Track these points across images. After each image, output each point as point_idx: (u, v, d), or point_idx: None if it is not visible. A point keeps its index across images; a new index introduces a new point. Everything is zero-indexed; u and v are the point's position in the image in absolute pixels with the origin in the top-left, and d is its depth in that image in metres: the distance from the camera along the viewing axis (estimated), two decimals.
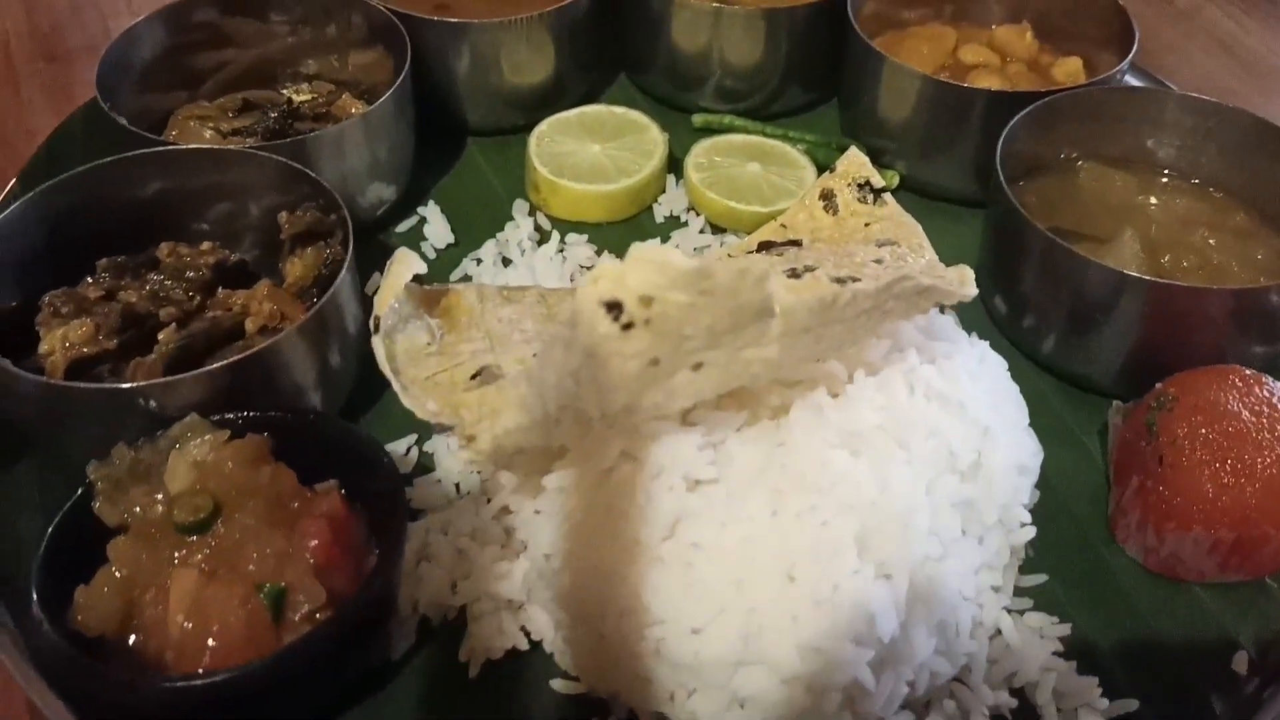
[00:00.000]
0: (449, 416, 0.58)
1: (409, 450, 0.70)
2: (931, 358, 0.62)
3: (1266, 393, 0.63)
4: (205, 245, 0.75)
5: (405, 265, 0.65)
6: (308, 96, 0.91)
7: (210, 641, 0.52)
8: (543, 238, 0.87)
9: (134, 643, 0.55)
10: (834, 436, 0.57)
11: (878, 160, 0.92)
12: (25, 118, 1.00)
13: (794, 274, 0.60)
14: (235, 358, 0.64)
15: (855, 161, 0.78)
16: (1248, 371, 0.65)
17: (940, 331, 0.65)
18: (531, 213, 0.89)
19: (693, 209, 0.90)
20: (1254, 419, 0.62)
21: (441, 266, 0.83)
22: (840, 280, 0.57)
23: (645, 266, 0.46)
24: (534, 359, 0.53)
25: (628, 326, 0.47)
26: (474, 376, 0.60)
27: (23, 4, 1.14)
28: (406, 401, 0.60)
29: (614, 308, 0.47)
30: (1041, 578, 0.63)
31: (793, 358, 0.55)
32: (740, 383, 0.54)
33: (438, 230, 0.87)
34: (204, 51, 0.91)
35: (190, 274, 0.74)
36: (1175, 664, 0.60)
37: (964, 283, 0.62)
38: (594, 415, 0.53)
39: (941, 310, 0.71)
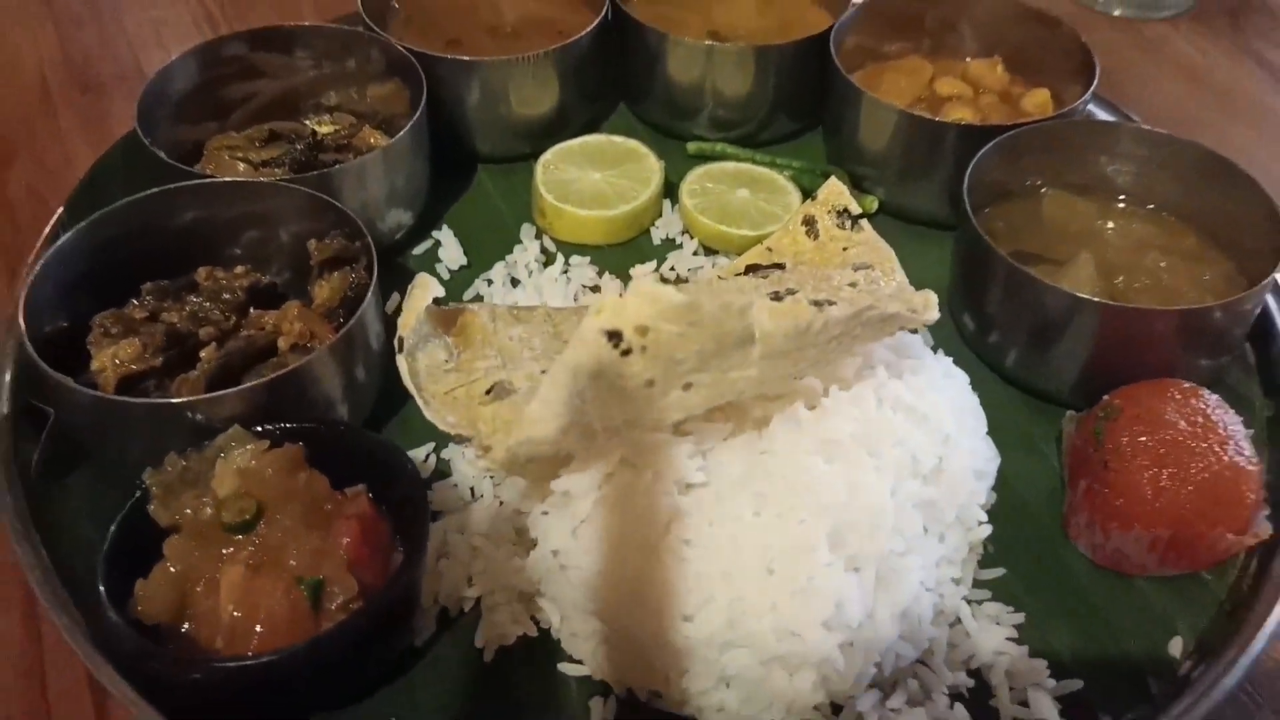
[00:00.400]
0: (467, 428, 0.65)
1: (428, 457, 0.76)
2: (899, 373, 0.69)
3: (1201, 405, 0.70)
4: (239, 269, 0.82)
5: (426, 289, 0.72)
6: (330, 129, 0.97)
7: (257, 628, 0.59)
8: (548, 259, 0.93)
9: (186, 630, 0.61)
10: (810, 445, 0.63)
11: (859, 185, 0.99)
12: (63, 145, 1.06)
13: (777, 296, 0.67)
14: (272, 375, 0.70)
15: (834, 190, 0.85)
16: (1186, 385, 0.72)
17: (908, 349, 0.72)
18: (538, 236, 0.95)
19: (687, 232, 0.96)
20: (1189, 428, 0.68)
21: (455, 287, 0.90)
22: (818, 303, 0.63)
23: (642, 300, 0.53)
24: (544, 377, 0.59)
25: (627, 352, 0.54)
26: (488, 391, 0.67)
27: (57, 38, 1.20)
28: (429, 414, 0.67)
29: (615, 336, 0.54)
30: (1000, 571, 0.70)
31: (772, 376, 0.62)
32: (726, 399, 0.61)
33: (451, 253, 0.93)
34: (233, 85, 0.97)
35: (226, 296, 0.80)
36: (1118, 648, 0.67)
37: (927, 307, 0.69)
38: (597, 428, 0.60)
39: (914, 330, 0.78)
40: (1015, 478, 0.75)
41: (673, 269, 0.93)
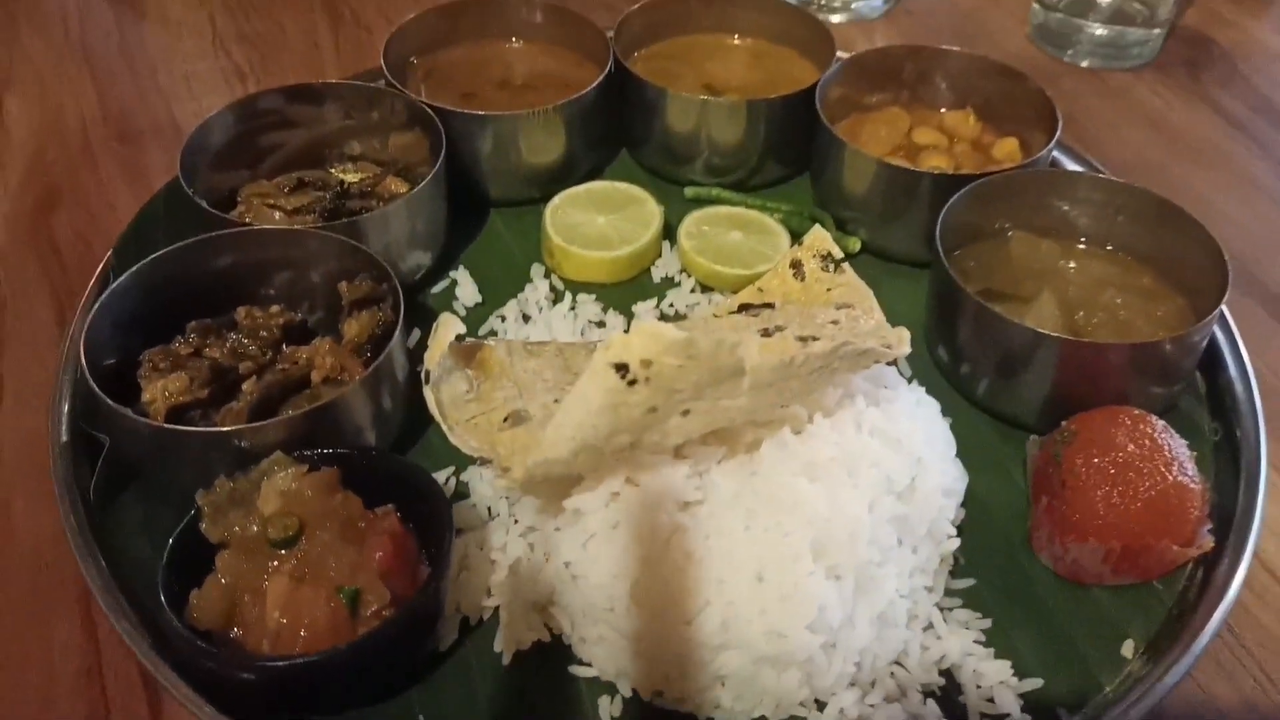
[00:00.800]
0: (488, 452, 0.73)
1: (448, 479, 0.83)
2: (876, 402, 0.76)
3: (1149, 429, 0.77)
4: (274, 309, 0.90)
5: (449, 327, 0.79)
6: (356, 177, 1.05)
7: (301, 632, 0.66)
8: (557, 297, 1.01)
9: (235, 635, 0.68)
10: (796, 466, 0.70)
11: (842, 227, 1.07)
12: (105, 192, 1.14)
13: (766, 333, 0.74)
14: (309, 407, 0.78)
15: (819, 237, 0.93)
16: (1136, 412, 0.79)
17: (884, 380, 0.79)
18: (547, 275, 1.03)
19: (684, 271, 1.04)
20: (1138, 451, 0.76)
21: (471, 323, 0.97)
22: (804, 339, 0.71)
23: (646, 337, 0.61)
24: (559, 405, 0.67)
25: (632, 383, 0.61)
26: (506, 419, 0.75)
27: (95, 91, 1.28)
28: (453, 440, 0.74)
29: (621, 368, 0.61)
30: (970, 581, 0.77)
31: (761, 405, 0.70)
32: (720, 424, 0.68)
33: (467, 291, 1.01)
34: (265, 136, 1.05)
35: (263, 333, 0.88)
36: (1075, 650, 0.74)
37: (900, 342, 0.76)
38: (605, 450, 0.67)
39: (893, 362, 0.85)
40: (984, 496, 0.82)
41: (671, 306, 1.01)
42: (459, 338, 0.81)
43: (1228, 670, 0.75)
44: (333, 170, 1.08)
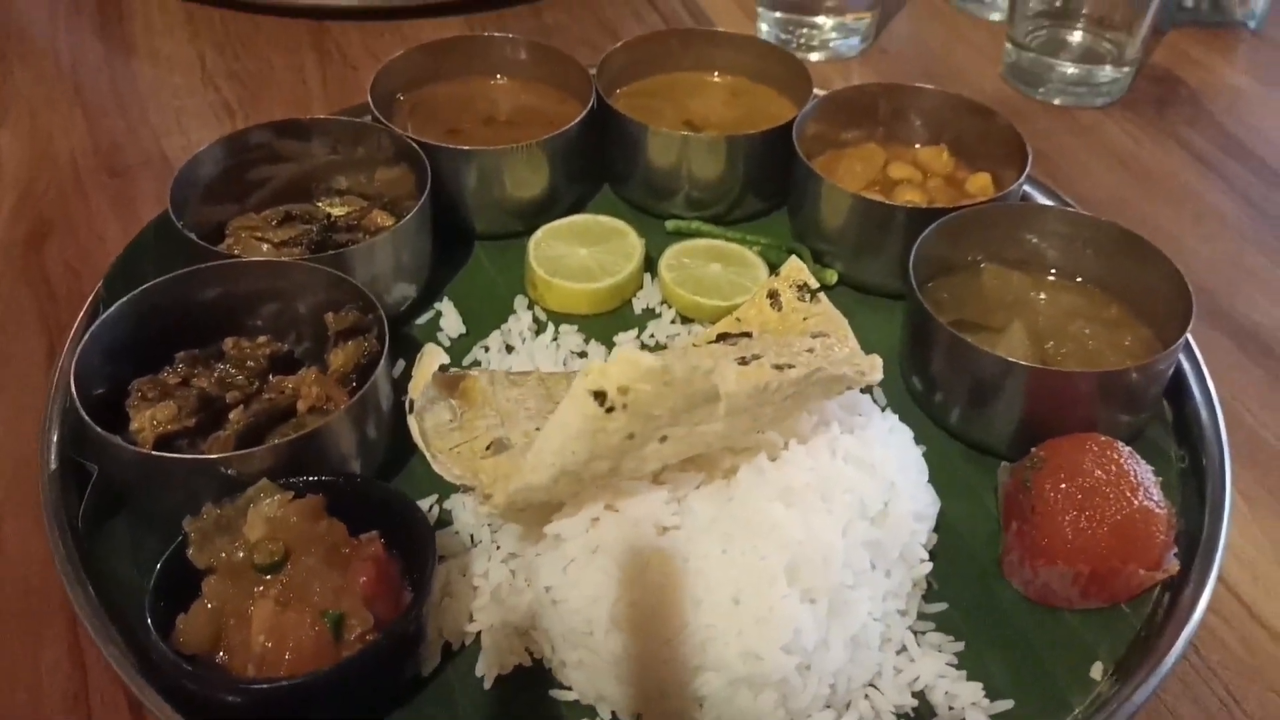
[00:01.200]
0: (470, 480, 0.74)
1: (431, 507, 0.84)
2: (850, 429, 0.78)
3: (1116, 455, 0.79)
4: (261, 339, 0.91)
5: (433, 357, 0.81)
6: (343, 211, 1.07)
7: (286, 656, 0.67)
8: (539, 328, 1.03)
9: (220, 659, 0.69)
10: (771, 492, 0.72)
11: (820, 260, 1.09)
12: (94, 224, 1.15)
13: (743, 361, 0.76)
14: (295, 435, 0.79)
15: (795, 267, 0.95)
16: (1103, 439, 0.81)
17: (858, 407, 0.81)
18: (530, 306, 1.05)
19: (665, 303, 1.06)
20: (1105, 476, 0.78)
21: (456, 353, 0.99)
22: (779, 366, 0.73)
23: (623, 365, 0.63)
24: (539, 432, 0.68)
25: (610, 409, 0.63)
26: (488, 447, 0.76)
27: (86, 125, 1.30)
28: (436, 468, 0.76)
29: (599, 395, 0.63)
30: (942, 605, 0.79)
31: (737, 431, 0.72)
32: (697, 450, 0.70)
33: (451, 322, 1.03)
34: (253, 170, 1.07)
35: (250, 363, 0.89)
36: (1045, 672, 0.75)
37: (873, 369, 0.78)
38: (585, 476, 0.69)
39: (868, 391, 0.87)
40: (956, 521, 0.84)
41: (652, 336, 1.03)
42: (442, 368, 0.83)
43: (1194, 691, 0.77)
44: (320, 204, 1.10)
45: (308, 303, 0.92)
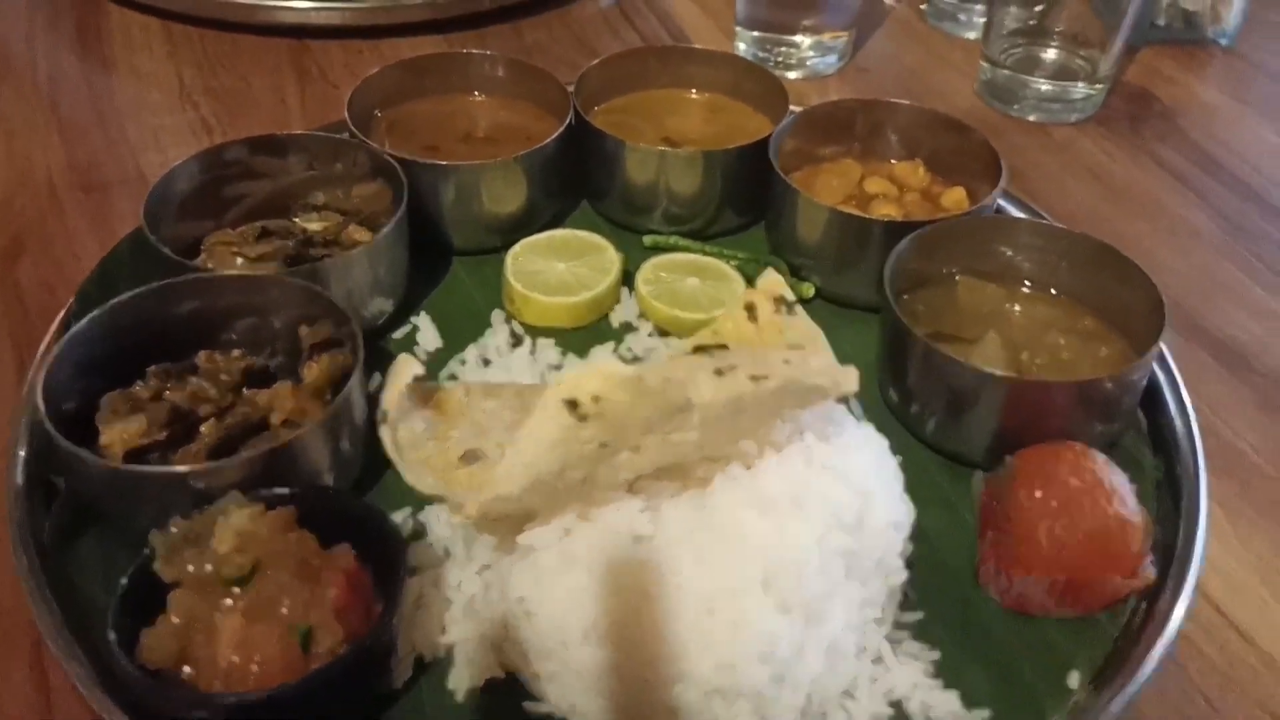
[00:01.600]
0: (443, 490, 0.74)
1: (406, 519, 0.84)
2: (826, 438, 0.78)
3: (1090, 464, 0.79)
4: (235, 353, 0.91)
5: (407, 368, 0.81)
6: (319, 226, 1.07)
7: (253, 669, 0.66)
8: (517, 342, 1.02)
9: (186, 674, 0.68)
10: (746, 500, 0.72)
11: (797, 274, 1.10)
12: (70, 241, 1.15)
13: (719, 372, 0.76)
14: (267, 447, 0.78)
15: (771, 281, 0.95)
16: (1078, 447, 0.81)
17: (834, 417, 0.81)
18: (507, 320, 1.04)
19: (643, 316, 1.06)
20: (1079, 485, 0.78)
21: (432, 367, 0.98)
22: (755, 377, 0.73)
23: (596, 374, 0.62)
24: (512, 441, 0.68)
25: (583, 418, 0.63)
26: (462, 458, 0.76)
27: (62, 143, 1.30)
28: (409, 479, 0.75)
29: (572, 405, 0.63)
30: (919, 614, 0.78)
31: (712, 440, 0.72)
32: (671, 460, 0.70)
33: (428, 336, 1.02)
34: (229, 186, 1.06)
35: (223, 377, 0.88)
36: (1022, 681, 0.75)
37: (848, 380, 0.78)
38: (558, 487, 0.69)
39: (844, 402, 0.87)
40: (933, 531, 0.84)
41: (630, 349, 1.03)
42: (417, 379, 0.82)
43: (1172, 700, 0.77)
44: (297, 220, 1.10)
45: (282, 317, 0.92)
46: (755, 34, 1.50)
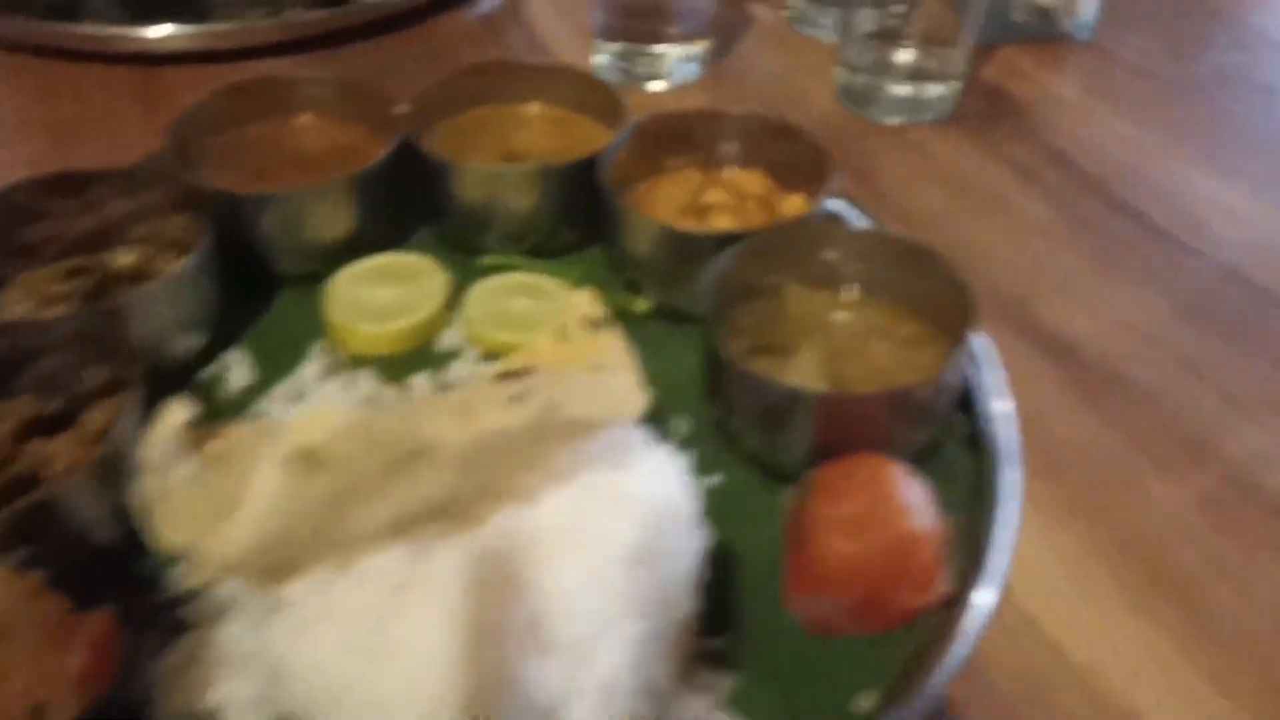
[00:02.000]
0: (192, 542, 0.70)
1: (181, 575, 0.80)
2: (616, 466, 0.76)
3: (886, 476, 0.77)
4: (17, 401, 0.87)
5: (174, 414, 0.77)
6: (129, 260, 1.03)
7: None
8: (332, 373, 0.99)
9: None
10: (519, 538, 0.69)
11: (634, 289, 1.08)
12: None
13: (516, 399, 0.74)
14: (18, 504, 0.74)
15: (583, 299, 0.93)
16: (874, 460, 0.79)
17: (627, 443, 0.79)
18: (328, 351, 1.01)
19: (470, 340, 1.03)
20: (870, 500, 0.76)
21: (240, 404, 0.94)
22: (548, 406, 0.70)
23: (319, 424, 0.60)
24: (261, 497, 0.65)
25: (309, 471, 0.60)
26: (220, 507, 0.72)
27: None
28: (156, 531, 0.71)
29: (298, 456, 0.60)
30: (718, 641, 0.76)
31: (481, 477, 0.69)
32: (425, 504, 0.67)
33: (238, 372, 0.98)
34: (35, 226, 1.03)
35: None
36: (816, 702, 0.73)
37: (632, 405, 0.76)
38: (307, 537, 0.65)
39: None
40: (748, 552, 0.82)
41: (455, 376, 0.99)
42: (192, 422, 0.79)
43: (971, 711, 0.75)
44: (115, 254, 1.06)
45: (68, 360, 0.88)
46: (614, 45, 1.48)
